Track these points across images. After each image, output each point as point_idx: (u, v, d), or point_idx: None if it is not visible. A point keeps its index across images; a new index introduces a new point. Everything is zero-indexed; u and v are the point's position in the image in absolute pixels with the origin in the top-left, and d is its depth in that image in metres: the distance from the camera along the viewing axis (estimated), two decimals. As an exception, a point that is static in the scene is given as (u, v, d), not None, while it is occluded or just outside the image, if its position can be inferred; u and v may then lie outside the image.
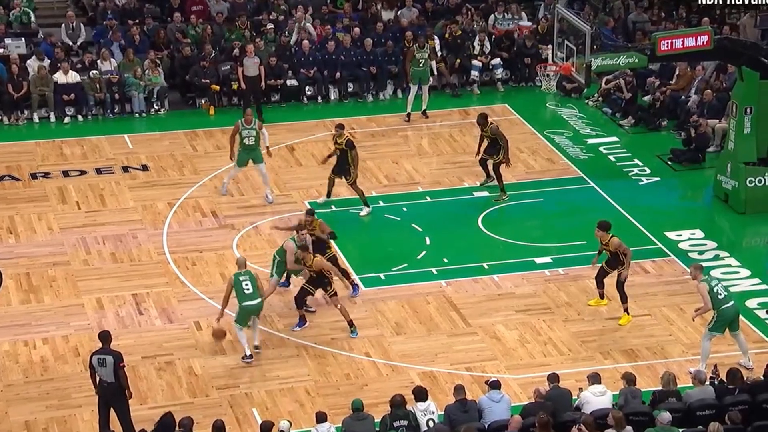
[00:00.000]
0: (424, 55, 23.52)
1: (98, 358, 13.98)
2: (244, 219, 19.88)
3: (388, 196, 20.55)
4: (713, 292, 15.24)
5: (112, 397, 14.05)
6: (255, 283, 15.92)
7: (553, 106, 24.77)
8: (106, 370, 13.92)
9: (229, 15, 26.13)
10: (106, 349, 14.04)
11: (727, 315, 15.31)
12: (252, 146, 20.17)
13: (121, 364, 13.95)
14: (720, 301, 15.25)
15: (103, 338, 14.18)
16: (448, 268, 18.30)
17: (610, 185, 21.06)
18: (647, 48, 19.62)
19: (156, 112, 24.48)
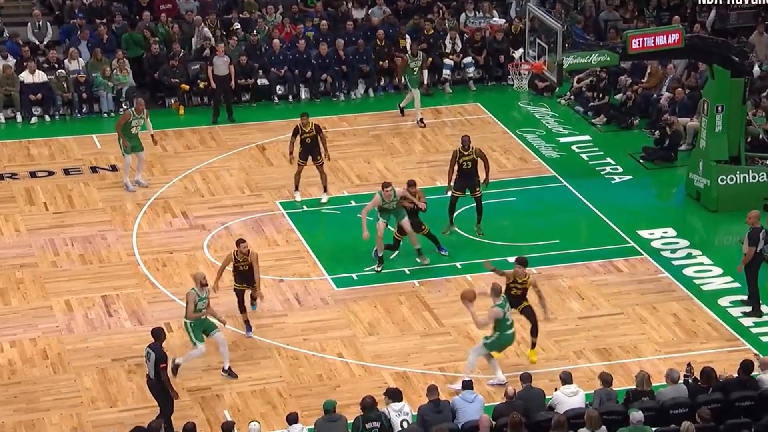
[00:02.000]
0: (417, 63, 23.53)
1: (147, 351, 14.30)
2: (215, 219, 19.81)
3: (360, 196, 20.52)
4: (504, 317, 15.09)
5: (153, 392, 14.36)
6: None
7: (526, 105, 24.83)
8: (149, 365, 14.24)
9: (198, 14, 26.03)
10: (155, 346, 14.27)
11: (505, 341, 15.26)
12: (136, 135, 20.53)
13: (162, 365, 14.14)
14: (506, 326, 15.14)
15: (156, 335, 14.39)
16: (421, 267, 18.30)
17: (582, 184, 21.14)
18: (619, 46, 19.71)
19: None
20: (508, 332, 15.29)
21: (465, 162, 18.81)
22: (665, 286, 17.84)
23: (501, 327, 15.23)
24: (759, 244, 16.80)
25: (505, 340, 15.35)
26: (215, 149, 22.66)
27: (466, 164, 18.81)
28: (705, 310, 17.19)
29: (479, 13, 26.88)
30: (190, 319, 15.35)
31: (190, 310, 15.33)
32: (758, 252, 16.88)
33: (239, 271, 16.47)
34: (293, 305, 17.38)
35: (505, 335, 15.29)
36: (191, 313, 15.32)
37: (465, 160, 18.81)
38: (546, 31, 19.92)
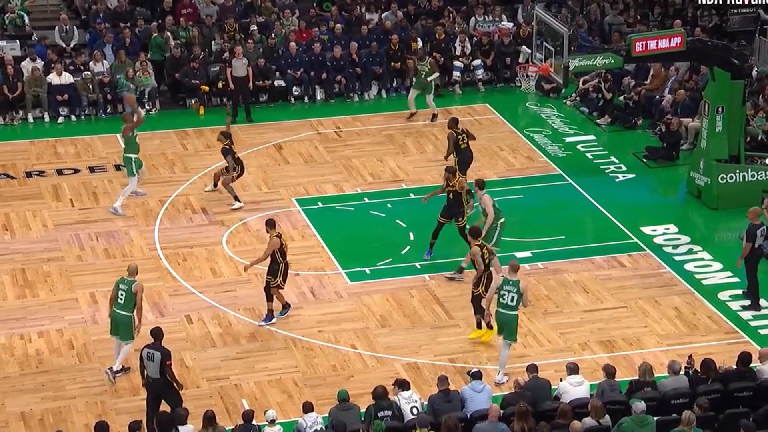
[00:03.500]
0: (424, 67, 23.50)
1: (148, 352, 14.03)
2: (233, 216, 19.84)
3: (373, 193, 20.55)
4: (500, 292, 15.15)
5: (161, 392, 14.09)
6: (130, 295, 15.14)
7: (533, 106, 24.80)
8: (153, 366, 13.97)
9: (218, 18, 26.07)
10: (156, 345, 14.06)
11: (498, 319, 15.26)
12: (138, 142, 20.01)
13: (168, 362, 13.95)
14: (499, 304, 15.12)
15: (155, 334, 14.19)
16: (432, 262, 18.31)
17: (587, 182, 21.11)
18: (623, 49, 19.67)
19: (147, 112, 24.37)
20: (499, 310, 15.16)
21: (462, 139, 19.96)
22: (667, 281, 17.82)
23: (497, 302, 15.17)
24: (757, 240, 16.75)
25: (497, 317, 15.29)
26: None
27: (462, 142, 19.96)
28: (705, 304, 17.16)
29: (488, 17, 26.86)
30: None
31: None
32: (757, 247, 16.84)
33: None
34: (308, 298, 17.40)
35: (497, 311, 15.23)
36: None
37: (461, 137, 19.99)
38: (552, 34, 19.90)
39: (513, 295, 15.17)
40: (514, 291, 15.18)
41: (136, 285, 15.25)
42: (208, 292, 17.54)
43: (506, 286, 15.27)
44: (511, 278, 15.29)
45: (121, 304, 15.24)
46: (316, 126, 23.74)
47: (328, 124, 23.83)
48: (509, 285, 15.25)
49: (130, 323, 15.30)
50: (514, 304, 15.21)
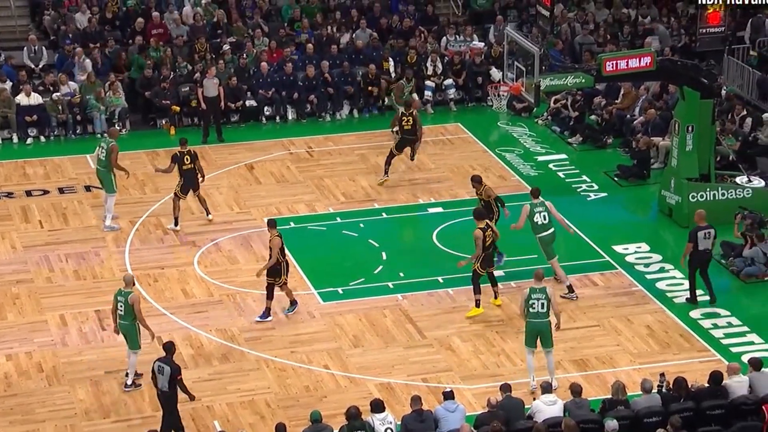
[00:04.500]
0: (409, 87, 23.88)
1: (158, 365, 14.20)
2: (205, 236, 19.81)
3: (346, 213, 20.57)
4: (528, 302, 15.33)
5: (165, 406, 14.25)
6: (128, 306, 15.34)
7: (504, 125, 24.94)
8: (162, 379, 14.13)
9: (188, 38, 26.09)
10: (167, 359, 14.19)
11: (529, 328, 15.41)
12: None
13: (178, 377, 14.09)
14: (530, 314, 15.34)
15: (167, 348, 14.34)
16: (404, 282, 18.35)
17: (559, 201, 21.09)
18: (593, 69, 19.83)
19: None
20: (530, 320, 15.30)
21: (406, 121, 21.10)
22: (639, 299, 17.93)
23: (527, 312, 15.33)
24: (700, 242, 17.28)
25: (529, 327, 15.37)
26: (205, 168, 22.56)
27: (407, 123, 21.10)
28: (677, 322, 17.29)
29: (460, 36, 27.02)
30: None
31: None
32: (702, 250, 17.33)
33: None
34: (281, 318, 17.38)
35: (529, 322, 15.34)
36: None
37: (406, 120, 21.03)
38: (524, 54, 20.03)
39: (543, 302, 15.34)
40: (544, 298, 15.35)
41: (132, 296, 15.36)
42: (180, 314, 17.49)
43: (534, 294, 15.37)
44: (537, 286, 15.43)
45: (123, 315, 15.43)
46: (287, 146, 23.76)
47: (299, 143, 23.86)
48: (537, 293, 15.37)
49: (134, 332, 15.41)
50: (545, 311, 15.35)
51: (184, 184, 19.77)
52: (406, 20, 27.18)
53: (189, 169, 19.71)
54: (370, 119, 25.25)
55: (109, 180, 19.88)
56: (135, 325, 15.43)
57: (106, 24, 26.40)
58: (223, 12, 26.83)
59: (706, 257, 17.47)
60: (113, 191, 19.91)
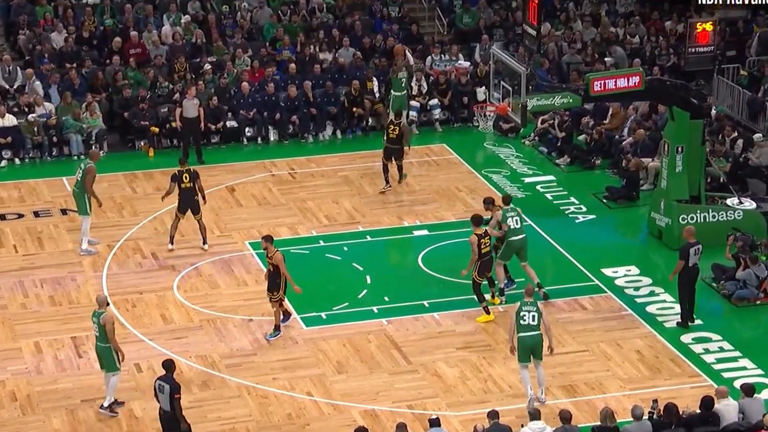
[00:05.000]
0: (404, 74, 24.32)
1: (159, 384, 14.26)
2: (184, 260, 19.81)
3: (329, 236, 20.61)
4: (518, 315, 15.66)
5: (167, 426, 14.23)
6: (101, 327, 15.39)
7: (491, 146, 25.06)
8: (163, 398, 14.14)
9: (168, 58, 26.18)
10: (167, 377, 14.24)
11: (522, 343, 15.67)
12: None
13: (176, 395, 14.09)
14: (522, 327, 15.63)
15: (167, 366, 14.38)
16: (389, 306, 18.39)
17: (547, 223, 21.33)
18: (581, 88, 19.96)
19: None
20: (522, 334, 15.56)
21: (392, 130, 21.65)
22: (629, 323, 18.01)
23: (517, 327, 15.59)
24: (690, 258, 17.31)
25: (521, 342, 15.59)
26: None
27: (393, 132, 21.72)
28: (668, 347, 17.36)
29: (445, 56, 27.19)
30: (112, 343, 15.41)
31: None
32: (691, 266, 17.40)
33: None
34: (263, 344, 17.38)
35: (521, 337, 15.57)
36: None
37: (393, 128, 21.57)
38: (510, 73, 20.16)
39: (534, 314, 15.62)
40: (534, 310, 15.64)
41: (104, 316, 15.39)
42: (159, 340, 17.47)
43: (525, 307, 15.70)
44: (528, 300, 15.72)
45: (98, 337, 15.46)
46: (269, 167, 23.82)
47: (282, 165, 23.92)
48: (528, 306, 15.71)
49: (110, 354, 15.41)
50: (536, 323, 15.62)
51: (181, 203, 19.77)
52: (390, 39, 27.34)
53: (187, 188, 19.68)
54: (353, 140, 25.34)
55: (83, 202, 19.87)
56: (111, 346, 15.42)
57: (83, 44, 26.46)
58: (202, 32, 26.93)
59: (696, 272, 17.63)
60: (86, 213, 19.89)
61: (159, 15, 27.40)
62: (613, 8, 29.25)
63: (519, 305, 15.74)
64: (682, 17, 28.03)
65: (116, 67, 25.62)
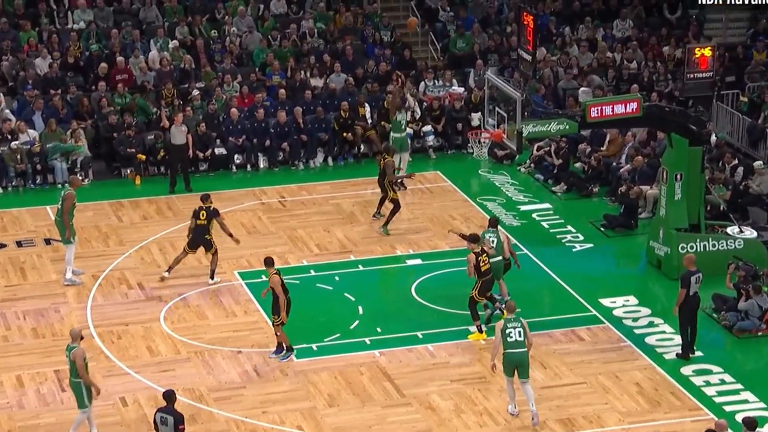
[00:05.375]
0: (405, 116, 24.10)
1: (161, 416, 14.17)
2: (171, 290, 19.79)
3: (320, 265, 20.62)
4: (504, 332, 15.95)
5: None
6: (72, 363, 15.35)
7: (486, 173, 25.14)
8: (167, 430, 14.05)
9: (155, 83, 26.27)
10: (169, 409, 14.17)
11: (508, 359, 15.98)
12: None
13: (180, 426, 14.04)
14: (507, 344, 15.95)
15: (167, 397, 14.32)
16: (382, 337, 18.37)
17: (543, 252, 21.36)
18: (577, 115, 20.05)
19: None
20: (509, 351, 15.87)
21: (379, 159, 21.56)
22: (627, 355, 18.01)
23: (504, 343, 15.92)
24: (691, 287, 17.34)
25: (507, 358, 15.91)
26: (172, 219, 22.71)
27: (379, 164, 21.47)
28: (668, 379, 17.35)
29: (438, 81, 27.32)
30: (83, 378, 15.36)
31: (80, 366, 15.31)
32: (692, 295, 17.42)
33: None
34: (252, 377, 17.34)
35: (507, 353, 15.88)
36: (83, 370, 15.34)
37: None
38: (505, 99, 20.26)
39: (519, 330, 15.92)
40: (519, 326, 15.94)
41: (75, 351, 15.35)
42: (145, 372, 17.42)
43: (510, 324, 15.97)
44: (511, 317, 16.01)
45: (70, 371, 15.42)
46: (259, 195, 23.85)
47: (271, 193, 23.95)
48: (513, 322, 15.98)
49: (79, 390, 15.34)
50: (522, 339, 15.92)
51: (192, 239, 19.81)
52: (383, 64, 27.48)
53: (201, 225, 19.75)
54: (345, 167, 25.40)
55: (63, 230, 19.83)
56: (81, 382, 15.31)
57: (68, 69, 26.53)
58: (190, 57, 27.03)
59: (696, 302, 17.64)
60: (68, 242, 19.84)
61: (146, 40, 27.52)
62: (610, 33, 29.45)
63: (503, 322, 15.97)
64: (681, 42, 28.25)
65: (102, 93, 25.70)
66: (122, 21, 27.92)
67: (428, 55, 29.12)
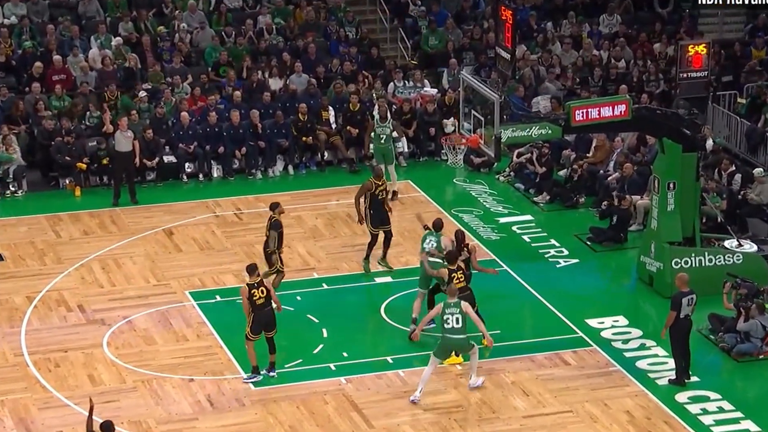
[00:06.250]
0: (385, 130, 23.91)
1: None
2: (116, 313, 19.76)
3: (281, 284, 20.62)
4: (442, 318, 16.96)
5: None
6: None
7: (461, 182, 25.27)
8: None
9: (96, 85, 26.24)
10: None
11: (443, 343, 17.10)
12: None
13: None
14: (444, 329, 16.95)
15: (105, 428, 14.22)
16: (348, 363, 18.41)
17: (524, 268, 21.49)
18: (561, 118, 20.19)
19: (12, 194, 24.28)
20: (447, 335, 16.92)
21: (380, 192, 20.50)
22: (617, 381, 18.13)
23: (442, 329, 16.95)
24: (683, 309, 17.48)
25: (444, 342, 17.01)
26: (116, 234, 22.67)
27: (381, 194, 20.54)
28: (661, 407, 17.47)
29: (409, 82, 27.45)
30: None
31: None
32: (683, 318, 17.55)
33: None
34: (205, 408, 17.33)
35: (444, 338, 16.97)
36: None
37: (380, 190, 20.48)
38: (482, 101, 20.39)
39: (457, 316, 16.67)
40: (458, 312, 16.85)
41: None
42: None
43: (448, 309, 16.90)
44: (451, 301, 16.92)
45: None
46: (213, 207, 23.86)
47: (226, 205, 23.97)
48: (451, 307, 16.90)
49: None
50: (460, 326, 16.85)
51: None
52: (347, 64, 27.59)
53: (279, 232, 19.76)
54: (307, 176, 25.46)
55: None
56: None
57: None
58: (136, 56, 27.03)
59: (689, 325, 17.77)
60: None
61: (86, 37, 27.49)
62: (596, 29, 29.71)
63: (442, 306, 16.94)
64: (673, 39, 28.53)
65: (37, 95, 25.64)
66: (59, 15, 27.88)
67: (398, 53, 29.27)
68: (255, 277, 17.53)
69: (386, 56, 28.84)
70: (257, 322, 17.54)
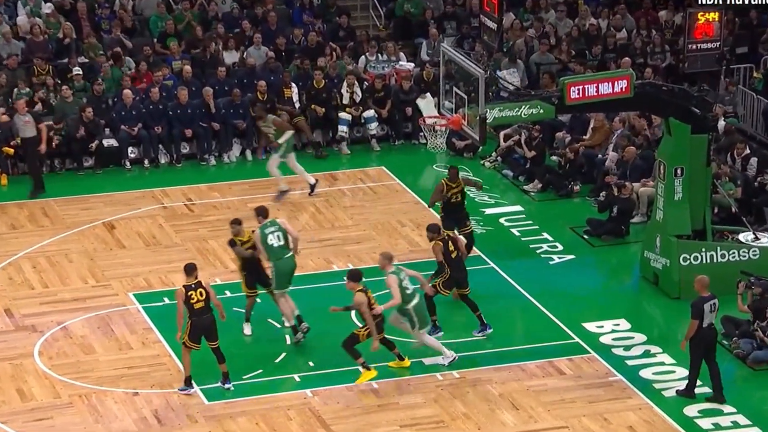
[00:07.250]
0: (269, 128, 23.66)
1: None
2: (49, 318, 19.72)
3: (237, 285, 20.59)
4: (401, 285, 17.85)
5: None
6: None
7: (442, 169, 25.30)
8: None
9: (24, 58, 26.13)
10: None
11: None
12: None
13: None
14: (408, 296, 17.88)
15: None
16: (315, 373, 18.45)
17: (513, 265, 21.55)
18: (554, 96, 20.24)
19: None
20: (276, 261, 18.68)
21: (453, 195, 20.69)
22: (618, 392, 18.22)
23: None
24: (705, 317, 17.41)
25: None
26: (49, 228, 22.63)
27: (454, 197, 20.70)
28: (668, 422, 17.57)
29: (382, 56, 27.47)
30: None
31: None
32: (706, 327, 17.45)
33: None
34: (151, 424, 17.33)
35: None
36: None
37: (453, 193, 20.69)
38: (465, 77, 20.43)
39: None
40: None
41: None
42: (15, 422, 17.34)
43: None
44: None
45: None
46: (160, 198, 23.83)
47: (175, 195, 23.95)
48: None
49: None
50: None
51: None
52: (312, 35, 27.57)
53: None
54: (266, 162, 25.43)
55: None
56: None
57: None
58: (71, 25, 26.93)
59: (714, 335, 17.64)
60: None
61: (12, 2, 27.37)
62: (594, -6, 29.82)
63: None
64: (681, 5, 28.63)
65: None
66: (-18, -21, 27.78)
67: (369, 22, 29.29)
68: (193, 278, 17.51)
69: (357, 26, 28.88)
70: (196, 328, 17.51)
